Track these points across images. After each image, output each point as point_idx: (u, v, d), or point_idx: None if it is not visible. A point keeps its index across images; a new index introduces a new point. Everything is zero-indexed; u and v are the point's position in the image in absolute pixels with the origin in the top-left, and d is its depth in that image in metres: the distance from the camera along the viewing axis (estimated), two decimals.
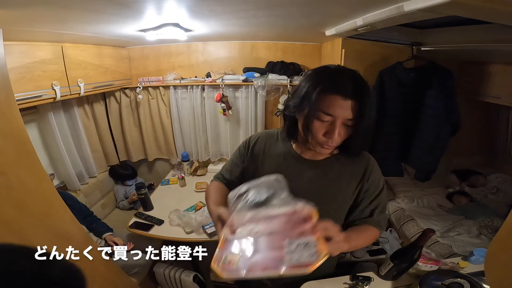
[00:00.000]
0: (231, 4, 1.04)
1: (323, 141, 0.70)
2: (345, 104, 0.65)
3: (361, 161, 0.84)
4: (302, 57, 2.18)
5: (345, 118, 0.67)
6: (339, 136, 0.69)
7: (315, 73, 0.73)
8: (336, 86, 0.65)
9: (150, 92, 2.31)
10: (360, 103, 0.65)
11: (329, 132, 0.68)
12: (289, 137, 0.84)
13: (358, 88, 0.65)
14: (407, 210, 2.19)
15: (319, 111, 0.67)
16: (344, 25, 1.36)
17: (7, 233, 0.77)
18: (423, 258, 0.98)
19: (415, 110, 1.64)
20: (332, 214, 0.83)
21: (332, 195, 0.84)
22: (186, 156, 2.44)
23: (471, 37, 1.30)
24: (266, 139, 0.93)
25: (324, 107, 0.66)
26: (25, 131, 0.91)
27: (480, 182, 2.39)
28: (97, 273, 1.12)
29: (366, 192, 0.84)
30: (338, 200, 0.85)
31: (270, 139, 0.92)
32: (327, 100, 0.66)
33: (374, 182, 0.84)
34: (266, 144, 0.92)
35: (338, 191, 0.84)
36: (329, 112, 0.66)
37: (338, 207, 0.86)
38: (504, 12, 0.73)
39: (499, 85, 1.83)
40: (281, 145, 0.89)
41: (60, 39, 1.47)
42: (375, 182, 0.84)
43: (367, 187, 0.84)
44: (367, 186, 0.83)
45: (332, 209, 0.85)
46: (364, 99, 0.65)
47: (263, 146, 0.91)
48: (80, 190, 1.99)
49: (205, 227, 1.60)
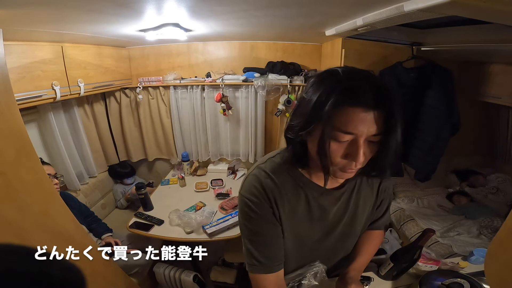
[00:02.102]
0: (231, 4, 1.03)
1: (344, 164, 0.56)
2: (367, 117, 0.50)
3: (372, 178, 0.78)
4: (302, 57, 2.18)
5: (369, 135, 0.52)
6: (363, 156, 0.54)
7: (322, 81, 0.55)
8: (353, 96, 0.50)
9: (150, 92, 2.31)
10: (387, 112, 0.51)
11: (352, 154, 0.54)
12: (299, 166, 0.68)
13: (382, 94, 0.50)
14: (407, 210, 2.19)
15: (336, 130, 0.52)
16: (344, 25, 1.36)
17: (7, 233, 0.76)
18: (423, 258, 0.98)
19: (415, 110, 1.64)
20: (365, 224, 0.86)
21: (361, 212, 0.77)
22: (186, 156, 2.44)
23: (471, 37, 1.30)
24: (276, 183, 0.68)
25: (342, 125, 0.51)
26: (25, 131, 0.91)
27: (480, 182, 2.39)
28: (97, 273, 1.12)
29: (384, 193, 0.84)
30: (366, 212, 0.81)
31: (280, 177, 0.69)
32: (344, 115, 0.51)
33: (386, 197, 0.84)
34: (282, 191, 0.68)
35: (365, 204, 0.78)
36: (348, 131, 0.51)
37: (368, 217, 0.84)
38: (504, 12, 0.73)
39: (499, 85, 1.83)
40: (290, 178, 0.69)
41: (60, 39, 1.47)
42: (387, 196, 0.84)
43: (383, 188, 0.81)
44: (383, 187, 0.81)
45: (364, 222, 0.83)
46: (391, 107, 0.51)
47: (279, 194, 0.68)
48: (80, 190, 1.99)
49: (205, 227, 1.60)
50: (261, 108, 2.31)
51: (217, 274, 1.84)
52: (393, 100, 0.52)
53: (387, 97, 0.51)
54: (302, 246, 0.77)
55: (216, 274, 1.84)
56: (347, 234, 0.80)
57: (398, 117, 0.52)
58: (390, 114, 0.52)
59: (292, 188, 0.69)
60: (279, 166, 0.69)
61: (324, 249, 0.81)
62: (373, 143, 0.55)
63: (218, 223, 1.65)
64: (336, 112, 0.51)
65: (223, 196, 2.01)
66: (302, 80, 2.11)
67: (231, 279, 1.80)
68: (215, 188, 2.17)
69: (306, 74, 2.11)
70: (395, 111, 0.52)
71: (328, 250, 0.82)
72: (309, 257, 0.81)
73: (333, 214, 0.73)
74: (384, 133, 0.53)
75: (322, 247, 0.80)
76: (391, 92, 0.53)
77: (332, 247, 0.82)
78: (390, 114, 0.52)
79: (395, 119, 0.52)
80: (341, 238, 0.80)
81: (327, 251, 0.82)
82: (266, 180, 0.67)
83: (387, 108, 0.51)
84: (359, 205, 0.77)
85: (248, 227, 0.70)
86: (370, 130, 0.52)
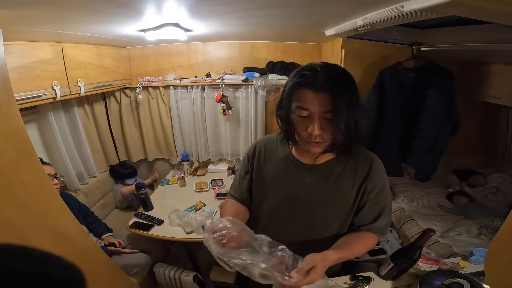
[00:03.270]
0: (231, 4, 1.03)
1: (306, 136, 0.71)
2: (317, 96, 0.65)
3: (364, 161, 0.82)
4: (302, 57, 2.18)
5: (321, 111, 0.66)
6: (321, 131, 0.68)
7: (293, 72, 0.73)
8: (305, 80, 0.67)
9: (150, 92, 2.31)
10: (332, 95, 0.64)
11: (310, 127, 0.68)
12: (287, 139, 0.82)
13: (331, 80, 0.65)
14: (407, 210, 2.19)
15: (297, 107, 0.69)
16: (344, 25, 1.36)
17: (7, 233, 0.76)
18: (423, 258, 0.98)
19: (415, 110, 1.64)
20: (337, 219, 0.85)
21: (335, 200, 0.83)
22: (186, 156, 2.45)
23: (471, 37, 1.30)
24: (265, 145, 0.92)
25: (300, 102, 0.68)
26: (25, 131, 0.91)
27: (480, 182, 2.39)
28: (97, 273, 1.12)
29: (370, 194, 0.82)
30: (342, 205, 0.84)
31: (270, 144, 0.92)
32: (300, 94, 0.68)
33: (378, 183, 0.82)
34: (266, 151, 0.91)
35: (341, 196, 0.83)
36: (303, 106, 0.67)
37: (343, 212, 0.84)
38: (504, 12, 0.73)
39: (499, 85, 1.83)
40: (281, 150, 0.89)
41: (60, 39, 1.47)
42: (380, 183, 0.82)
43: (371, 188, 0.81)
44: (371, 187, 0.81)
45: (337, 214, 0.85)
46: (337, 91, 0.64)
47: (264, 152, 0.91)
48: (80, 190, 1.99)
49: (205, 227, 1.60)
50: (261, 108, 2.31)
51: (217, 274, 1.84)
52: (340, 86, 0.66)
53: (336, 82, 0.66)
54: (273, 213, 0.91)
55: (216, 274, 1.84)
56: (316, 220, 0.85)
57: (343, 99, 0.64)
58: (337, 96, 0.64)
59: (276, 154, 0.89)
60: (274, 138, 0.92)
61: (293, 231, 0.88)
62: (327, 120, 0.68)
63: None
64: (295, 92, 0.69)
65: (223, 196, 2.01)
66: None
67: (231, 279, 1.80)
68: (215, 188, 2.17)
69: None
70: (339, 95, 0.64)
71: (297, 233, 0.87)
72: (280, 232, 0.84)
73: (303, 186, 0.84)
74: (333, 112, 0.65)
75: (292, 227, 0.88)
76: (343, 79, 0.68)
77: (301, 232, 0.87)
78: (337, 96, 0.64)
79: (339, 101, 0.64)
80: (309, 221, 0.85)
81: (296, 234, 0.87)
82: (259, 143, 0.94)
83: (331, 91, 0.64)
84: (334, 193, 0.82)
85: (237, 171, 1.03)
86: (321, 108, 0.66)
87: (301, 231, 0.88)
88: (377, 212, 0.84)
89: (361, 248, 0.83)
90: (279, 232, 0.84)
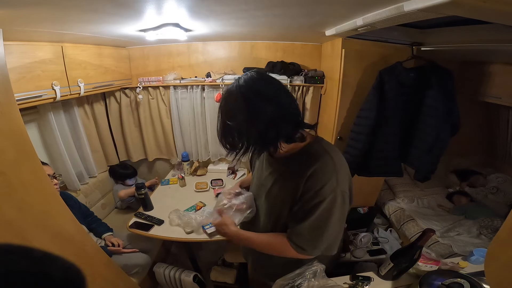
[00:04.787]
0: (231, 4, 1.04)
1: None
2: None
3: (310, 161, 0.77)
4: (302, 57, 2.18)
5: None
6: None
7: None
8: None
9: (150, 92, 2.31)
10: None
11: None
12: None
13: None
14: (407, 210, 2.19)
15: None
16: (344, 25, 1.37)
17: (7, 233, 0.76)
18: (423, 258, 0.98)
19: (415, 110, 1.64)
20: (277, 208, 0.89)
21: (276, 191, 0.88)
22: (186, 156, 2.45)
23: (471, 37, 1.30)
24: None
25: None
26: (25, 131, 0.91)
27: (480, 182, 2.39)
28: (97, 273, 1.12)
29: (302, 196, 0.78)
30: (282, 196, 0.86)
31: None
32: None
33: (314, 187, 0.75)
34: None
35: (281, 188, 0.86)
36: None
37: (283, 204, 0.85)
38: (504, 12, 0.73)
39: (499, 85, 1.83)
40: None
41: (60, 39, 1.47)
42: (315, 187, 0.75)
43: (305, 190, 0.77)
44: (305, 189, 0.77)
45: (277, 204, 0.88)
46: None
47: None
48: (80, 190, 1.99)
49: (205, 227, 1.60)
50: None
51: (217, 274, 1.84)
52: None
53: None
54: (254, 191, 1.02)
55: (216, 274, 1.84)
56: (271, 210, 0.91)
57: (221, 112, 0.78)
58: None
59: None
60: None
61: (262, 217, 0.96)
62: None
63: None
64: None
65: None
66: (302, 80, 2.11)
67: (231, 279, 1.80)
68: (215, 188, 2.17)
69: (306, 74, 2.11)
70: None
71: (264, 219, 0.95)
72: (255, 217, 0.99)
73: (266, 176, 0.92)
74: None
75: (261, 213, 0.97)
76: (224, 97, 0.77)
77: (265, 219, 0.95)
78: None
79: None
80: (268, 210, 0.93)
81: (263, 220, 0.96)
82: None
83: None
84: (279, 187, 0.87)
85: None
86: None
87: (265, 218, 0.95)
88: (300, 218, 0.79)
89: (262, 245, 0.91)
90: (255, 217, 0.98)
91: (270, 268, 1.01)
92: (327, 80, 2.06)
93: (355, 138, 1.73)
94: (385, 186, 2.56)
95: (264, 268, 1.08)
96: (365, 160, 1.75)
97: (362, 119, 1.69)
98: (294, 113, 0.76)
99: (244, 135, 0.73)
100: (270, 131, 0.72)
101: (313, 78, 2.08)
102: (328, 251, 0.84)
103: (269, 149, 0.81)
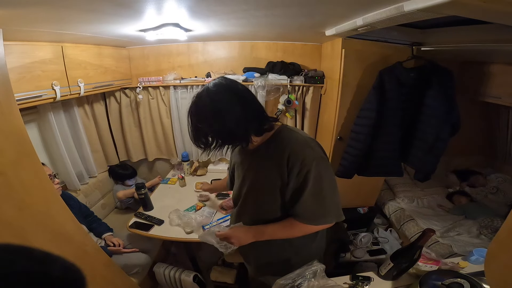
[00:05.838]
0: (231, 4, 1.04)
1: None
2: None
3: (284, 143, 0.85)
4: (302, 57, 2.18)
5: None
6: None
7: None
8: None
9: (150, 92, 2.31)
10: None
11: None
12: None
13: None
14: (407, 210, 2.19)
15: None
16: (344, 25, 1.36)
17: (7, 233, 0.77)
18: (423, 258, 0.98)
19: (415, 110, 1.64)
20: (265, 200, 0.92)
21: (259, 181, 0.92)
22: (186, 156, 2.44)
23: (471, 37, 1.30)
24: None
25: None
26: (25, 131, 0.91)
27: (480, 182, 2.39)
28: (97, 273, 1.12)
29: (290, 174, 0.84)
30: (267, 186, 0.90)
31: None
32: None
33: (294, 164, 0.82)
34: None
35: (266, 174, 0.89)
36: None
37: (270, 193, 0.89)
38: (504, 12, 0.73)
39: (499, 85, 1.83)
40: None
41: (60, 39, 1.47)
42: (296, 162, 0.82)
43: (289, 169, 0.83)
44: (289, 168, 0.83)
45: (261, 194, 0.92)
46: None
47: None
48: (80, 190, 1.99)
49: (205, 227, 1.60)
50: None
51: (217, 274, 1.84)
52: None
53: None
54: (236, 198, 1.07)
55: (216, 274, 1.84)
56: (258, 202, 0.95)
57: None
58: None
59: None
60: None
61: (249, 213, 1.00)
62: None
63: (218, 223, 1.65)
64: None
65: (223, 196, 2.01)
66: (302, 80, 2.11)
67: (231, 279, 1.80)
68: None
69: (306, 74, 2.11)
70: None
71: (248, 207, 1.00)
72: (241, 214, 1.04)
73: (245, 171, 0.98)
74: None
75: (248, 209, 1.00)
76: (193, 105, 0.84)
77: (252, 214, 0.98)
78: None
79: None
80: (254, 203, 0.96)
81: (250, 215, 0.99)
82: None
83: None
84: (261, 176, 0.91)
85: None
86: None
87: (252, 212, 0.98)
88: (298, 193, 0.84)
89: (279, 231, 0.91)
90: (240, 214, 1.02)
91: (273, 264, 1.02)
92: (327, 80, 2.06)
93: (355, 138, 1.73)
94: (385, 186, 2.56)
95: (266, 265, 1.08)
96: (365, 160, 1.75)
97: (362, 119, 1.69)
98: (259, 111, 0.87)
99: (216, 135, 0.83)
100: (240, 128, 0.81)
101: (313, 78, 2.08)
102: (339, 217, 0.87)
103: (242, 144, 0.88)
